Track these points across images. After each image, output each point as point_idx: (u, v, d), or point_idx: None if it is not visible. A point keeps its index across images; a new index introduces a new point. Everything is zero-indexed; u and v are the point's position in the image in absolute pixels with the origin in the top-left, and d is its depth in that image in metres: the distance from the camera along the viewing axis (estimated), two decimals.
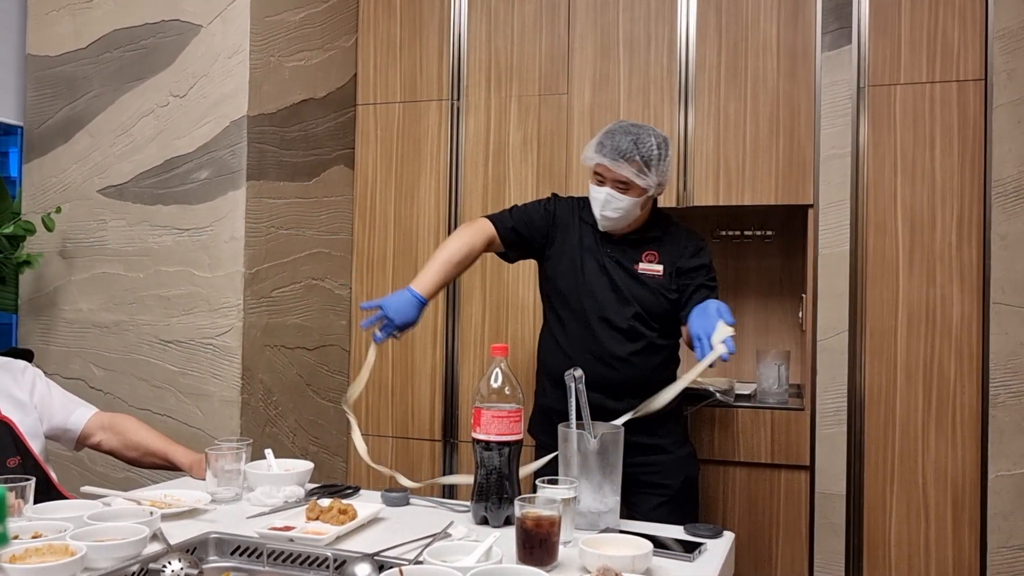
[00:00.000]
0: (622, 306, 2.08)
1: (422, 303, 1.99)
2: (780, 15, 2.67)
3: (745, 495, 2.63)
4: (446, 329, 2.99)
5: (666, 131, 2.76)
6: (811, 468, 2.58)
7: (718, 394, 2.62)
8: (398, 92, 3.06)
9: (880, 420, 2.54)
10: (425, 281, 2.02)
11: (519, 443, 1.57)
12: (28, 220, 2.63)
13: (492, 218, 2.17)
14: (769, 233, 2.92)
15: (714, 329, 1.80)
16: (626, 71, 2.81)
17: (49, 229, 2.60)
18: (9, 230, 2.52)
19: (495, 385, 1.55)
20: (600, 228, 2.09)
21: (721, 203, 2.71)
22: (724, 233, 2.96)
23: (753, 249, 3.01)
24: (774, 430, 2.60)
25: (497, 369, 1.57)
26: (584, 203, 2.15)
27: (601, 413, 1.78)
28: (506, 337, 2.90)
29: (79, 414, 1.93)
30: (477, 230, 2.13)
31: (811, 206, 2.62)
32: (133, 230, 2.67)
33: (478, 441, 1.56)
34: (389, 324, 1.95)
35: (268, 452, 1.83)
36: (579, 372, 1.62)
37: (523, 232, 2.16)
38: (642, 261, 2.10)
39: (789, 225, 2.85)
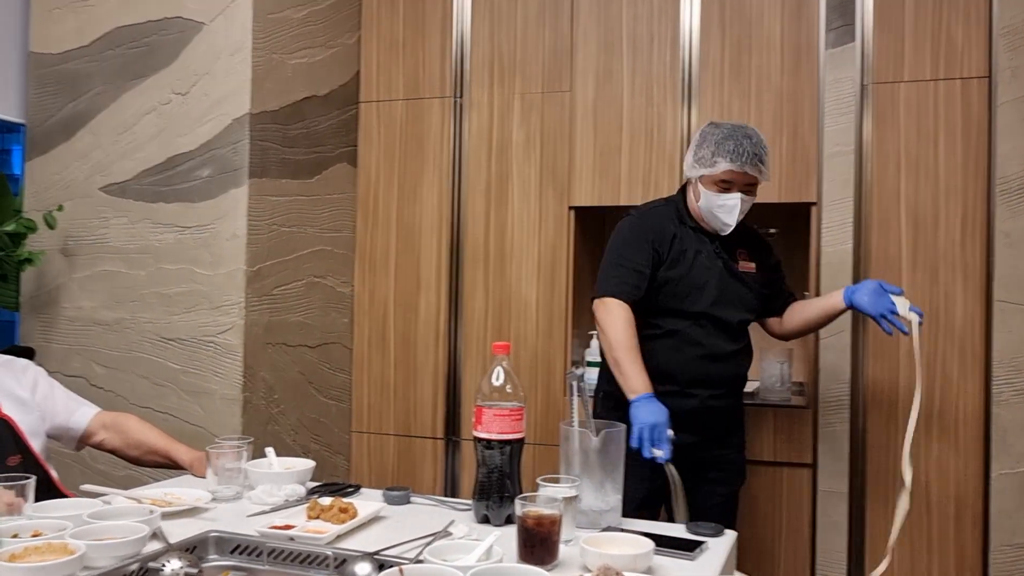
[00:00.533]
0: (729, 305, 2.15)
1: (654, 395, 1.99)
2: (784, 12, 2.66)
3: (748, 493, 2.62)
4: (448, 327, 2.99)
5: (669, 129, 2.77)
6: (814, 466, 2.58)
7: None
8: (401, 89, 3.06)
9: (883, 418, 2.53)
10: (642, 378, 2.01)
11: (521, 441, 1.56)
12: (30, 218, 2.63)
13: (620, 295, 2.09)
14: (772, 231, 2.90)
15: (893, 304, 2.04)
16: (629, 68, 2.80)
17: (51, 227, 2.60)
18: (11, 228, 2.52)
19: (497, 383, 1.55)
20: (723, 233, 2.15)
21: None
22: None
23: None
24: (776, 428, 2.59)
25: (499, 367, 1.56)
26: (672, 208, 2.20)
27: (708, 413, 2.12)
28: (508, 335, 2.90)
29: (81, 413, 1.93)
30: (624, 311, 2.07)
31: (814, 204, 2.61)
32: (135, 228, 2.67)
33: (479, 439, 1.55)
34: (656, 432, 1.92)
35: (269, 450, 1.83)
36: (580, 371, 1.62)
37: (645, 284, 2.13)
38: (739, 260, 2.20)
39: (793, 222, 2.83)
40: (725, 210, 2.10)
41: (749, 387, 2.75)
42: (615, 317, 2.06)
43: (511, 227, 2.92)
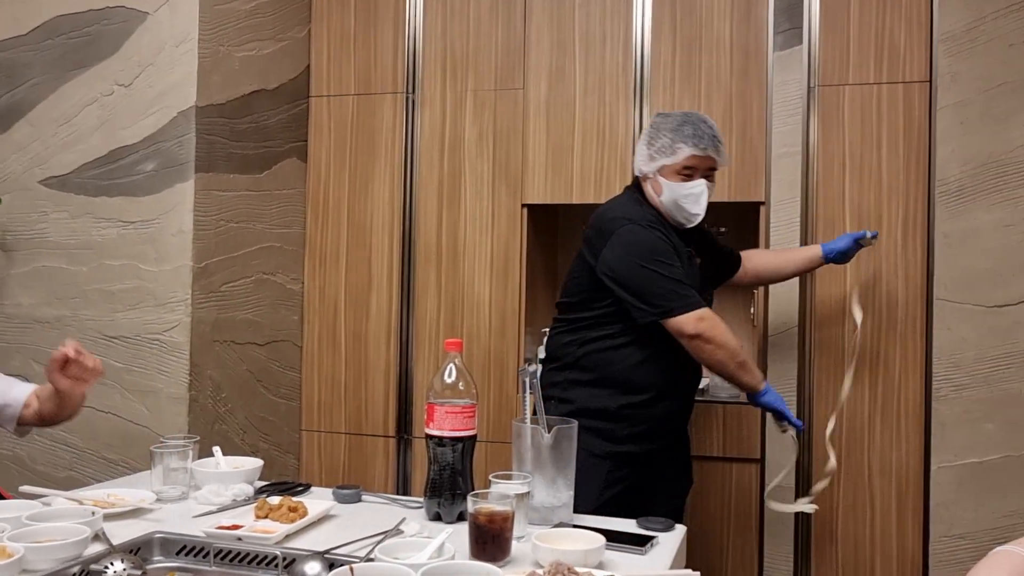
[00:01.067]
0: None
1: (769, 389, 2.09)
2: (733, 14, 2.70)
3: (697, 488, 2.65)
4: (400, 324, 2.97)
5: (621, 128, 2.78)
6: (761, 461, 2.62)
7: None
8: (352, 84, 3.02)
9: (827, 413, 2.58)
10: (758, 372, 2.10)
11: (473, 438, 1.56)
12: None
13: (701, 304, 2.02)
14: (722, 229, 2.94)
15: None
16: (582, 67, 2.81)
17: None
18: None
19: (449, 380, 1.54)
20: (689, 225, 2.08)
21: None
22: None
23: None
24: (725, 424, 2.63)
25: (451, 364, 1.55)
26: (652, 215, 2.07)
27: (675, 417, 2.17)
28: (461, 333, 2.89)
29: (20, 389, 1.83)
30: (716, 317, 2.04)
31: (763, 203, 2.66)
32: (76, 222, 2.59)
33: (431, 437, 1.54)
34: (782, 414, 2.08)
35: (216, 450, 1.79)
36: (533, 368, 1.62)
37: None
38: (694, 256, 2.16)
39: (742, 221, 2.88)
40: (692, 199, 2.03)
41: (700, 384, 2.80)
42: (720, 325, 2.00)
43: (464, 224, 2.91)
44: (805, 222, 2.62)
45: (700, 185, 2.02)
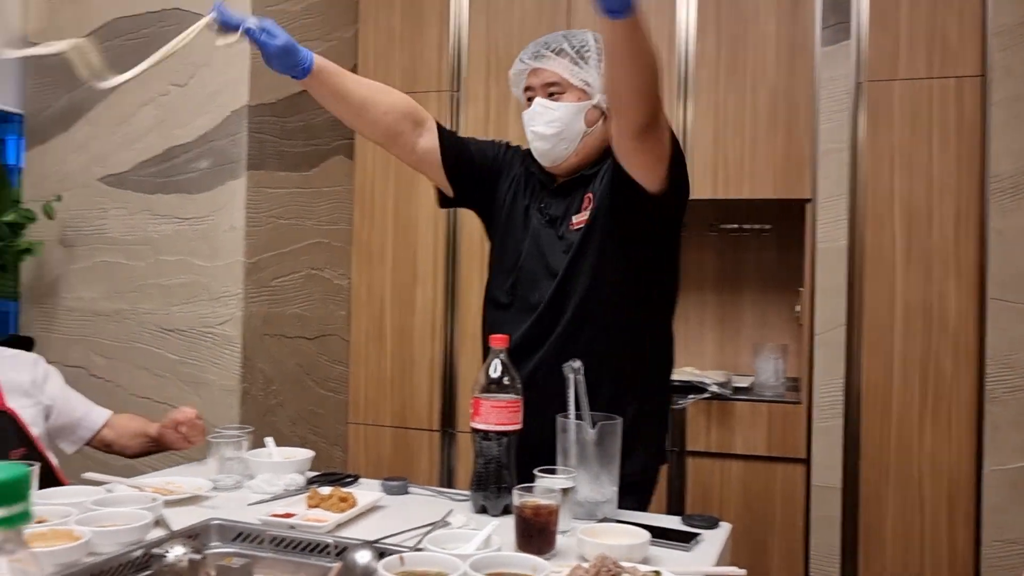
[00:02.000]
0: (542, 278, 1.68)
1: (296, 51, 1.63)
2: (779, 9, 2.68)
3: (741, 488, 2.65)
4: (444, 320, 3.01)
5: None
6: (807, 461, 2.60)
7: (715, 387, 2.63)
8: (398, 82, 3.06)
9: (876, 414, 2.56)
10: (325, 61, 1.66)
11: (517, 432, 1.58)
12: (29, 208, 2.63)
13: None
14: (767, 227, 2.93)
15: None
16: None
17: (50, 217, 2.61)
18: (10, 218, 2.53)
19: (494, 375, 1.56)
20: (544, 161, 1.66)
21: (719, 197, 2.72)
22: (722, 227, 2.97)
23: (751, 243, 3.02)
24: (771, 423, 2.62)
25: (496, 360, 1.57)
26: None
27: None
28: None
29: (97, 413, 1.94)
30: (415, 107, 1.72)
31: (809, 200, 2.64)
32: (134, 219, 2.67)
33: (477, 431, 1.57)
34: (256, 30, 1.59)
35: (269, 440, 1.84)
36: (578, 363, 1.63)
37: (465, 152, 1.76)
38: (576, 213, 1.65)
39: (787, 219, 2.86)
40: (530, 118, 1.66)
41: (744, 382, 2.79)
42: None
43: None
44: (853, 219, 2.59)
45: (535, 107, 1.65)
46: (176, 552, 1.24)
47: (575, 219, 1.65)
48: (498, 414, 1.55)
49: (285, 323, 2.74)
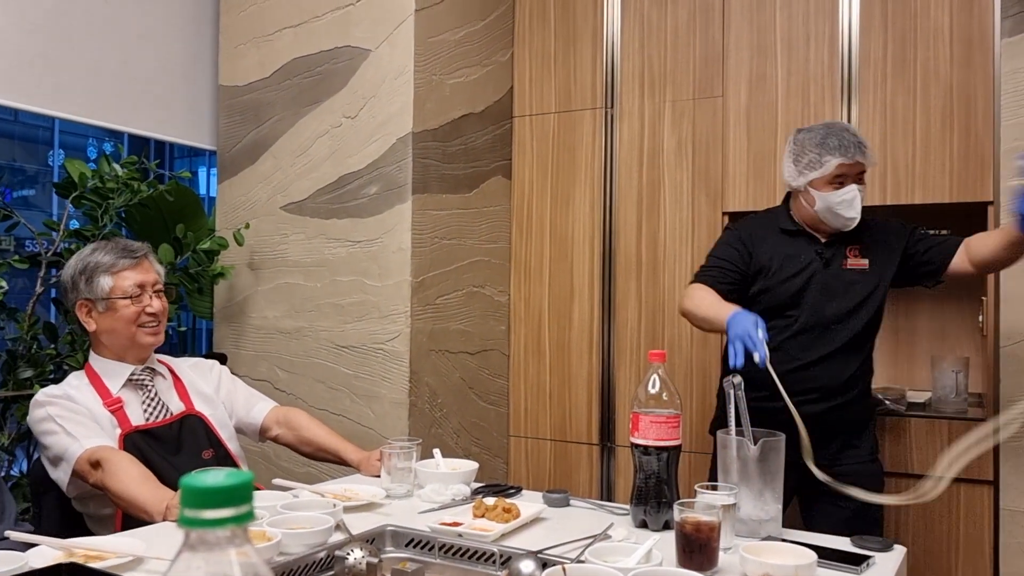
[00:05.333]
0: (827, 306, 2.13)
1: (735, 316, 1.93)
2: (953, 1, 2.52)
3: (921, 509, 2.49)
4: (602, 335, 3.03)
5: None
6: (995, 483, 2.42)
7: (888, 402, 2.50)
8: (553, 103, 3.13)
9: None
10: (724, 305, 2.01)
11: (678, 448, 1.58)
12: (222, 236, 2.90)
13: (701, 281, 2.16)
14: (944, 232, 2.75)
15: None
16: (784, 70, 2.75)
17: (240, 243, 2.86)
18: (206, 245, 2.79)
19: (653, 391, 1.58)
20: (847, 229, 2.13)
21: (889, 203, 2.59)
22: None
23: None
24: (952, 442, 2.45)
25: (655, 375, 1.59)
26: (771, 217, 2.23)
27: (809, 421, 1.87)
28: (662, 343, 2.91)
29: (258, 409, 2.09)
30: (700, 287, 2.13)
31: (991, 203, 2.46)
32: (311, 243, 2.88)
33: (637, 445, 1.58)
34: (749, 338, 1.86)
35: (436, 452, 1.94)
36: (738, 379, 1.61)
37: (728, 278, 2.16)
38: (848, 258, 2.17)
39: (966, 223, 2.67)
40: (845, 205, 2.08)
41: (920, 398, 2.63)
42: (691, 292, 2.13)
43: (663, 234, 2.93)
44: None
45: (852, 191, 2.08)
46: (356, 555, 1.34)
47: (849, 262, 2.16)
48: (657, 429, 1.56)
49: (449, 339, 2.86)
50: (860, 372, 2.17)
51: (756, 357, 1.82)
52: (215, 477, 0.47)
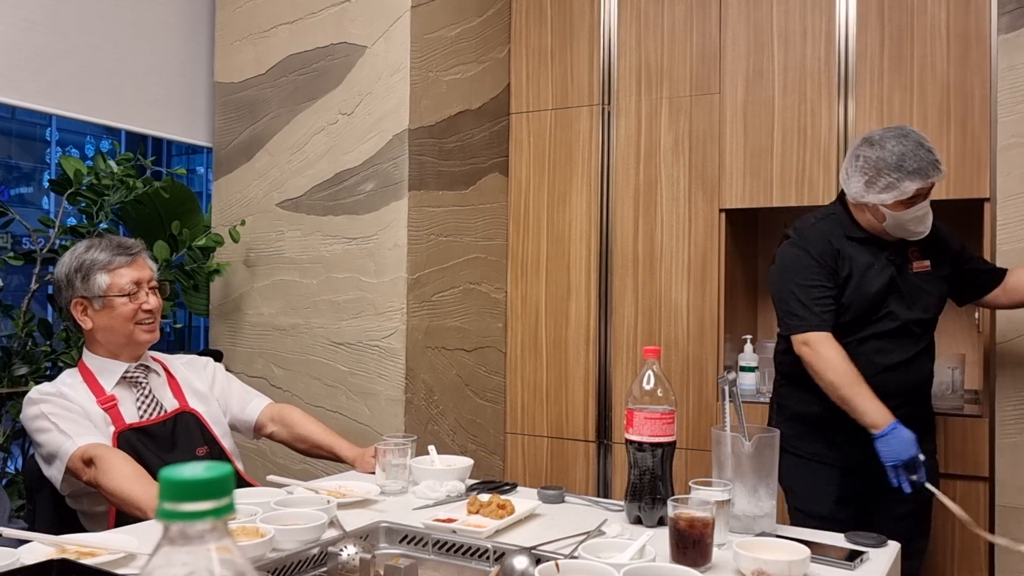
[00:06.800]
0: (906, 310, 2.10)
1: (897, 421, 1.95)
2: None
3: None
4: (598, 332, 3.03)
5: (824, 125, 2.69)
6: (990, 479, 2.42)
7: None
8: (550, 99, 3.13)
9: None
10: (880, 410, 1.97)
11: (672, 444, 1.58)
12: (217, 233, 2.89)
13: (821, 326, 2.06)
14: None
15: None
16: (781, 66, 2.74)
17: (235, 240, 2.86)
18: (202, 242, 2.79)
19: (648, 387, 1.57)
20: (910, 237, 2.08)
21: None
22: None
23: None
24: (948, 438, 2.45)
25: (650, 371, 1.58)
26: (835, 223, 2.12)
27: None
28: (658, 340, 2.90)
29: (253, 406, 2.08)
30: (832, 343, 2.04)
31: (987, 200, 2.46)
32: (307, 240, 2.88)
33: (631, 442, 1.58)
34: (911, 463, 1.93)
35: (431, 448, 1.93)
36: (732, 375, 1.61)
37: (835, 305, 2.09)
38: (913, 260, 2.13)
39: (963, 220, 2.67)
40: (916, 221, 2.04)
41: None
42: (828, 352, 2.01)
43: (660, 231, 2.93)
44: None
45: (924, 207, 2.03)
46: (349, 551, 1.34)
47: (914, 265, 2.12)
48: (652, 425, 1.56)
49: (445, 336, 2.86)
50: (932, 372, 2.18)
51: (915, 478, 1.92)
52: (194, 469, 0.47)
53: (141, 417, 1.84)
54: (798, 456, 2.12)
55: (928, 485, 1.89)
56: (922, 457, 1.91)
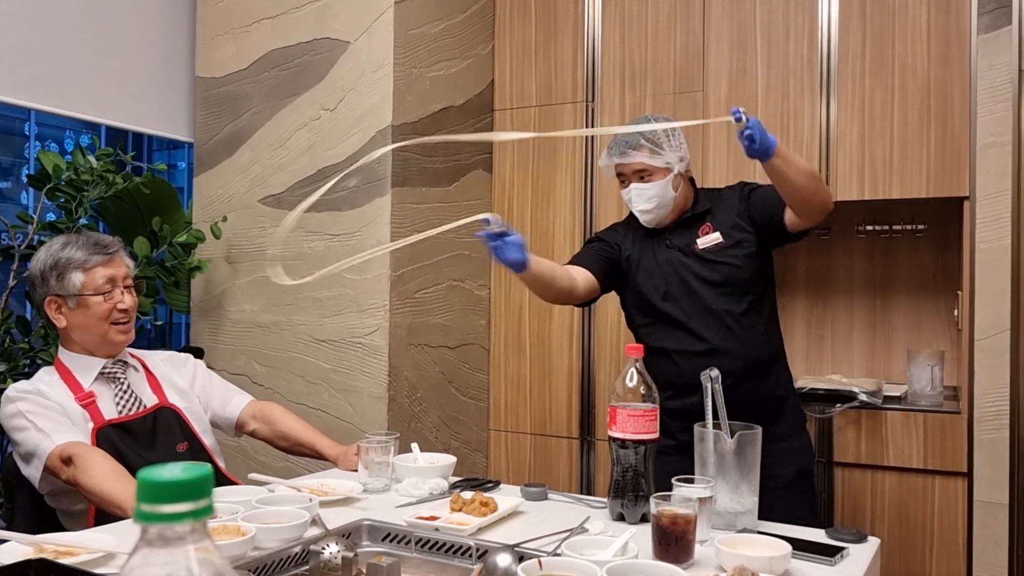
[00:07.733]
0: (686, 296, 2.06)
1: (524, 259, 1.88)
2: None
3: (896, 502, 2.52)
4: (582, 329, 3.03)
5: (807, 124, 2.70)
6: (969, 475, 2.45)
7: (864, 395, 2.52)
8: (534, 96, 3.13)
9: None
10: (537, 261, 1.95)
11: (655, 441, 1.59)
12: (198, 229, 2.87)
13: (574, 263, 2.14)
14: (921, 227, 2.78)
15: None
16: (764, 65, 2.75)
17: (217, 237, 2.84)
18: (183, 238, 2.76)
19: (630, 384, 1.58)
20: (645, 224, 2.10)
21: (867, 197, 2.61)
22: (870, 228, 2.84)
23: (903, 244, 2.87)
24: (927, 434, 2.48)
25: (632, 369, 1.59)
26: (631, 217, 2.16)
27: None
28: None
29: (235, 403, 2.07)
30: (570, 272, 2.07)
31: (967, 198, 2.48)
32: (289, 236, 2.86)
33: (614, 439, 1.59)
34: (497, 239, 1.88)
35: (414, 446, 1.93)
36: (715, 372, 1.62)
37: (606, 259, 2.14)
38: (700, 236, 2.09)
39: (943, 219, 2.70)
40: (631, 203, 2.08)
41: (896, 391, 2.65)
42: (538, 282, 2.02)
43: None
44: (1017, 217, 2.42)
45: (628, 192, 2.06)
46: (331, 550, 1.33)
47: (700, 243, 2.08)
48: (635, 423, 1.57)
49: (428, 333, 2.85)
50: (740, 350, 2.06)
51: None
52: (172, 471, 0.47)
53: (120, 413, 1.82)
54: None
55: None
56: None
